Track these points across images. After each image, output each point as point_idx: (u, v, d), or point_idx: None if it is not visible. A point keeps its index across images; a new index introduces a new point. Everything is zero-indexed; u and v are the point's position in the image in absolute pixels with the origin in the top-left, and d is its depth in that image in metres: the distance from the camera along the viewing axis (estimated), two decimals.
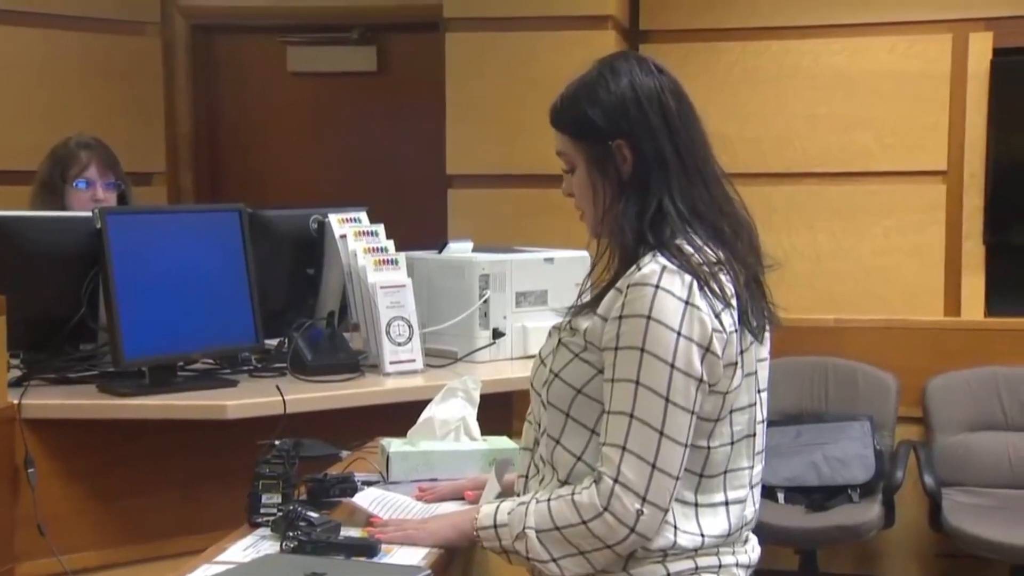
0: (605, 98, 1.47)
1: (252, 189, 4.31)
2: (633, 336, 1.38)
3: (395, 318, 2.53)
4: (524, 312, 2.70)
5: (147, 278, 2.28)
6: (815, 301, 3.93)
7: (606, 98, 1.47)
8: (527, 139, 3.80)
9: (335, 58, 4.39)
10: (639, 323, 1.38)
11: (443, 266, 2.71)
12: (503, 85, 3.88)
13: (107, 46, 4.08)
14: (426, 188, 4.14)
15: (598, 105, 1.47)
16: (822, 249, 3.95)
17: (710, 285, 1.41)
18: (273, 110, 4.45)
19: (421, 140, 4.24)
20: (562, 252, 2.77)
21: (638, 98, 1.47)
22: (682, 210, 1.45)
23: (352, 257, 2.58)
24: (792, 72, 3.93)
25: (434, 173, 4.02)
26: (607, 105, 1.47)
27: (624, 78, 1.48)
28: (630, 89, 1.47)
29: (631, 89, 1.47)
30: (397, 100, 4.33)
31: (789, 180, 3.95)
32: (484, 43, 3.91)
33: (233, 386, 2.38)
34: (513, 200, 3.92)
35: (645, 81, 1.48)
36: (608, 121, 1.46)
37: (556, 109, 1.53)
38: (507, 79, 3.88)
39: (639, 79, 1.48)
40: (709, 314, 1.40)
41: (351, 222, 2.63)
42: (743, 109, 3.93)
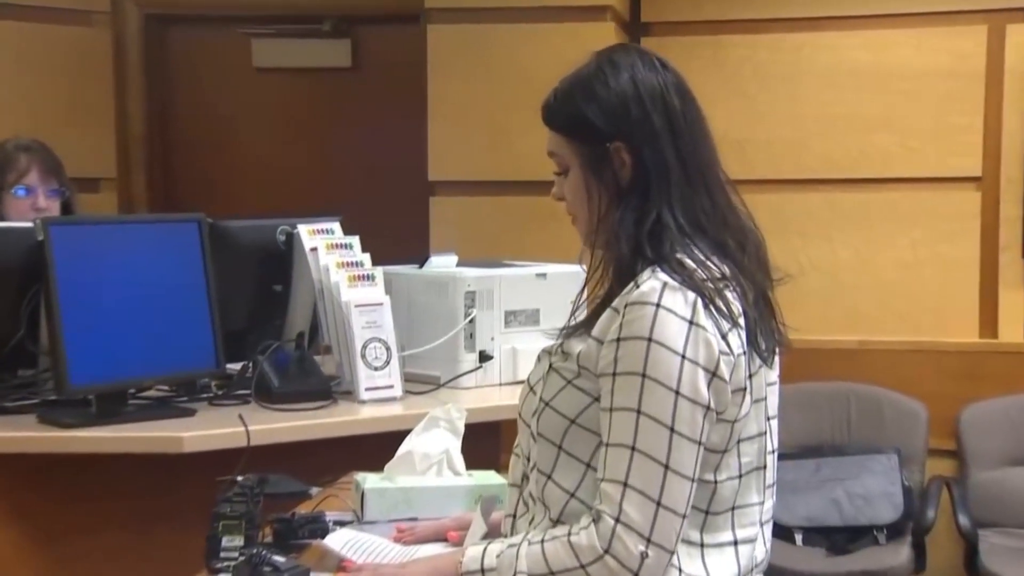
0: (603, 95, 1.48)
1: (212, 197, 4.31)
2: (633, 360, 1.39)
3: (371, 340, 2.53)
4: (514, 333, 2.71)
5: (95, 296, 2.28)
6: (834, 320, 3.95)
7: (604, 95, 1.48)
8: (517, 142, 3.81)
9: (305, 52, 4.40)
10: (639, 346, 1.38)
11: (424, 282, 2.72)
12: (491, 83, 3.90)
13: (50, 37, 4.09)
14: (406, 196, 4.15)
15: (595, 102, 1.48)
16: (841, 263, 3.97)
17: (715, 303, 1.41)
18: (236, 110, 4.46)
19: (400, 143, 4.25)
20: (556, 267, 2.77)
21: (640, 96, 1.47)
22: (683, 222, 1.46)
23: (324, 272, 2.58)
24: (808, 68, 3.95)
25: (415, 179, 4.03)
26: (605, 102, 1.47)
27: (625, 73, 1.48)
28: (631, 86, 1.48)
29: (632, 86, 1.48)
30: (374, 99, 4.34)
31: (805, 187, 3.97)
32: (470, 36, 3.93)
33: (191, 416, 2.38)
34: (502, 209, 3.93)
35: (648, 77, 1.48)
36: (606, 120, 1.47)
37: (549, 105, 1.53)
38: (495, 76, 3.89)
39: (641, 75, 1.48)
40: (715, 335, 1.40)
41: (323, 233, 2.64)
42: (753, 109, 3.95)
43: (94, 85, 4.20)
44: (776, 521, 1.58)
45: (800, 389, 3.81)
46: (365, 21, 4.35)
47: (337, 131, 4.39)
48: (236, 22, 4.39)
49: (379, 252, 2.66)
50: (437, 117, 3.94)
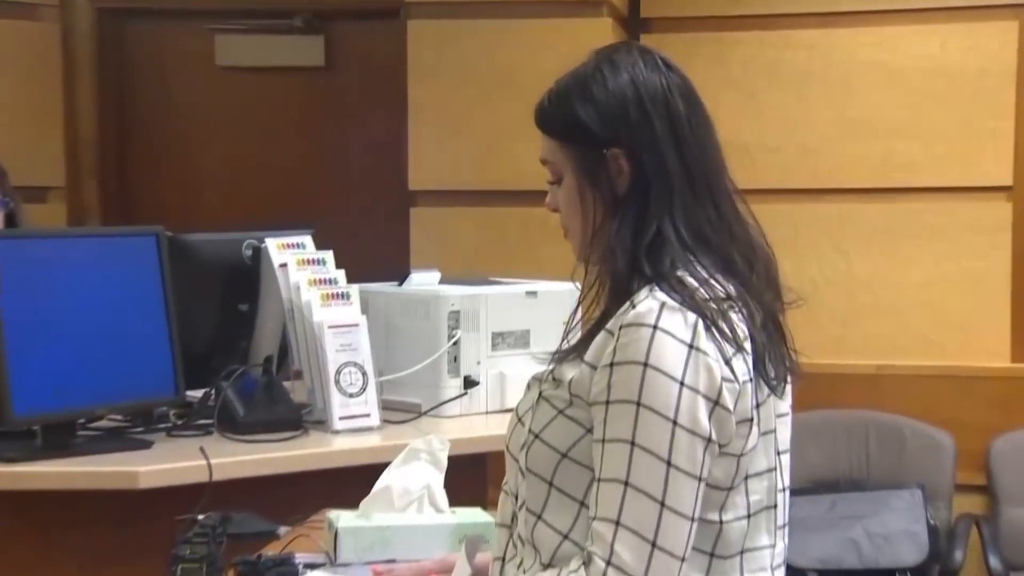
0: (601, 96, 1.48)
1: (172, 208, 4.31)
2: (627, 387, 1.39)
3: (346, 364, 2.53)
4: (502, 357, 2.71)
5: (41, 316, 2.28)
6: (851, 344, 3.96)
7: (602, 96, 1.48)
8: (505, 148, 3.82)
9: (274, 50, 4.41)
10: (634, 371, 1.38)
11: (404, 301, 2.72)
12: (477, 84, 3.91)
13: None
14: (384, 207, 4.15)
15: (592, 104, 1.48)
16: (859, 280, 3.98)
17: (718, 325, 1.41)
18: (198, 112, 4.46)
19: (378, 149, 4.26)
20: (547, 284, 2.78)
21: (640, 98, 1.48)
22: (685, 235, 1.46)
23: (294, 291, 2.58)
24: (822, 68, 3.97)
25: (394, 189, 4.04)
26: (603, 105, 1.48)
27: (625, 74, 1.49)
28: (631, 87, 1.48)
29: (632, 87, 1.48)
30: (349, 101, 4.35)
31: (818, 197, 3.98)
32: (453, 33, 3.94)
33: (147, 448, 2.37)
34: (489, 221, 3.94)
35: (650, 78, 1.49)
36: (603, 124, 1.48)
37: (543, 107, 1.54)
38: (481, 77, 3.91)
39: (642, 76, 1.49)
40: (718, 360, 1.40)
41: (293, 248, 2.64)
42: (762, 112, 3.96)
43: (41, 85, 4.20)
44: (788, 563, 1.57)
45: (814, 418, 3.82)
46: (340, 16, 4.36)
47: (309, 136, 4.39)
48: (198, 17, 4.40)
49: (355, 268, 2.67)
50: (418, 121, 3.95)
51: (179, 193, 4.42)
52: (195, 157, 4.46)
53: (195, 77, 4.45)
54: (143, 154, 4.47)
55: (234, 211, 4.30)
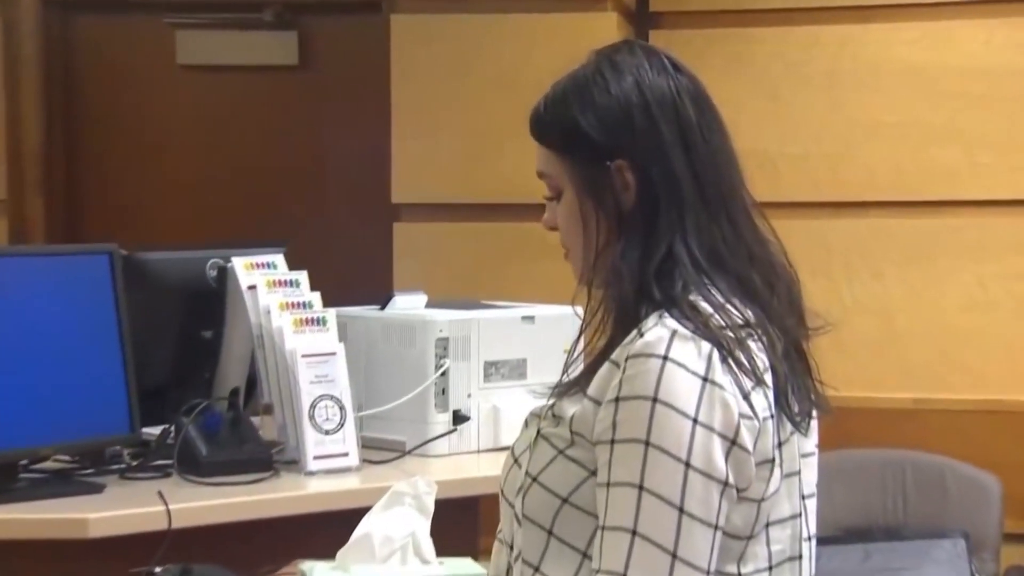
0: (603, 102, 1.50)
1: (127, 223, 4.31)
2: (634, 425, 1.39)
3: (321, 397, 2.53)
4: (495, 389, 2.71)
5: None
6: (886, 375, 3.96)
7: (604, 103, 1.50)
8: (499, 157, 3.83)
9: (242, 47, 4.42)
10: (642, 407, 1.39)
11: (387, 327, 2.73)
12: (467, 86, 3.92)
13: None
14: (364, 222, 4.16)
15: (593, 111, 1.50)
16: (894, 304, 3.98)
17: (735, 356, 1.42)
18: (157, 117, 4.47)
19: (358, 158, 4.27)
20: (546, 308, 2.79)
21: (646, 103, 1.49)
22: (698, 256, 1.47)
23: (264, 315, 2.58)
24: (851, 68, 3.98)
25: (375, 201, 4.04)
26: (605, 112, 1.49)
27: (628, 76, 1.50)
28: (636, 92, 1.50)
29: (637, 92, 1.50)
30: (325, 104, 4.37)
31: (848, 211, 3.99)
32: (442, 29, 3.95)
33: (98, 492, 2.37)
34: (481, 238, 3.94)
35: (657, 82, 1.50)
36: (606, 133, 1.49)
37: (538, 114, 1.55)
38: (473, 78, 3.92)
39: (649, 79, 1.50)
40: (735, 395, 1.41)
41: (263, 268, 2.64)
42: (785, 117, 3.97)
43: None
44: None
45: (844, 458, 3.81)
46: (315, 10, 4.38)
47: (280, 144, 4.40)
48: (157, 9, 4.41)
49: (332, 290, 2.67)
50: (402, 127, 3.96)
51: (135, 207, 4.42)
52: (153, 167, 4.47)
53: (153, 77, 4.46)
54: (94, 164, 4.48)
55: (197, 227, 4.30)
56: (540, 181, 1.57)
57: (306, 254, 2.75)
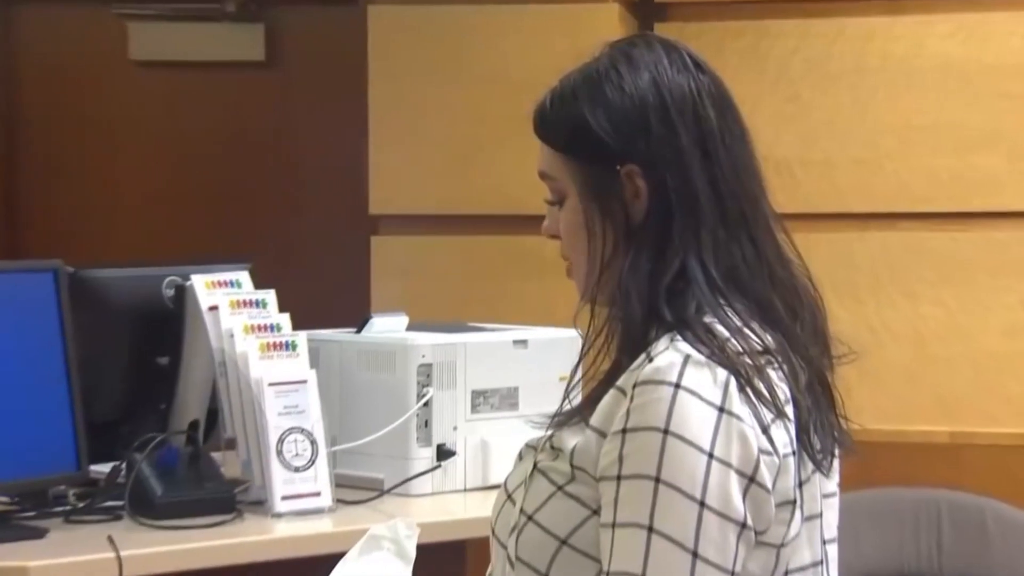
0: (616, 100, 1.50)
1: (74, 237, 4.31)
2: (643, 459, 1.39)
3: (291, 431, 2.53)
4: (484, 420, 2.71)
5: None
6: (919, 406, 3.96)
7: (618, 100, 1.50)
8: (490, 163, 3.84)
9: (202, 41, 4.43)
10: (652, 440, 1.39)
11: (364, 352, 2.73)
12: (454, 84, 3.93)
13: None
14: (339, 235, 4.16)
15: (604, 109, 1.50)
16: (929, 327, 3.99)
17: (754, 385, 1.42)
18: (107, 118, 4.47)
19: (332, 164, 4.27)
20: (542, 331, 2.79)
21: (664, 104, 1.50)
22: (715, 276, 1.47)
23: (227, 339, 2.59)
24: (879, 64, 3.99)
25: (351, 213, 4.05)
26: (618, 111, 1.50)
27: (646, 73, 1.51)
28: (653, 90, 1.50)
29: (655, 90, 1.50)
30: (295, 105, 4.37)
31: (877, 224, 3.99)
32: (425, 22, 3.96)
33: (40, 537, 2.37)
34: (469, 253, 3.95)
35: (676, 80, 1.51)
36: (617, 134, 1.50)
37: (544, 111, 1.56)
38: (460, 75, 3.92)
39: (667, 77, 1.51)
40: (754, 427, 1.41)
41: (226, 286, 2.65)
42: (807, 120, 3.98)
43: None
44: None
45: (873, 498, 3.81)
46: (283, 1, 4.38)
47: (245, 148, 4.41)
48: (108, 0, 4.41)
49: (303, 311, 2.67)
50: (382, 130, 3.96)
51: (83, 219, 4.42)
52: (103, 175, 4.47)
53: (102, 75, 4.46)
54: (37, 171, 4.48)
55: (151, 241, 4.30)
56: (536, 188, 1.58)
57: (274, 271, 2.76)
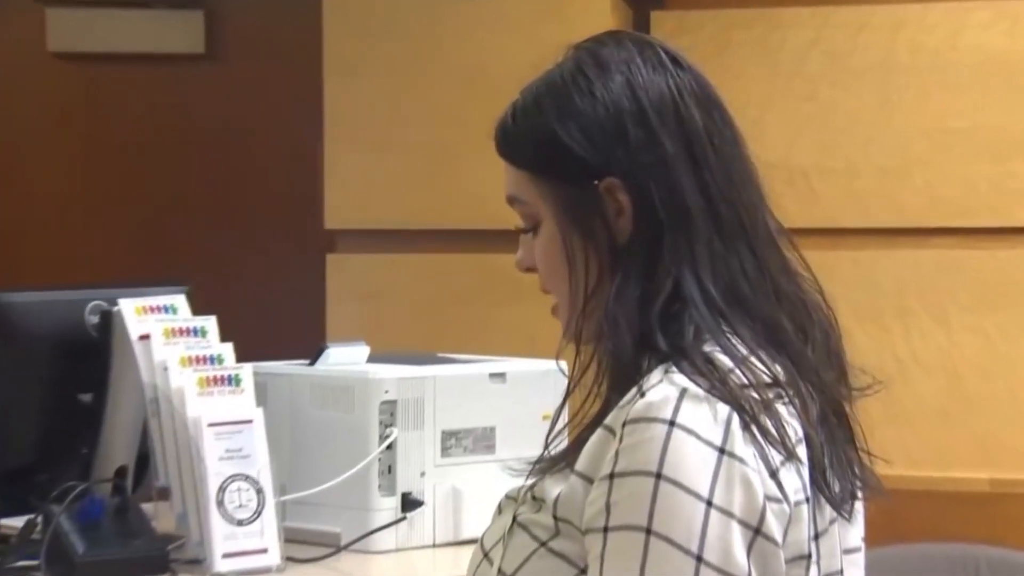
0: (587, 109, 1.52)
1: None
2: (633, 508, 1.40)
3: (234, 478, 2.53)
4: (456, 465, 2.71)
5: None
6: (953, 449, 3.96)
7: (588, 109, 1.52)
8: (461, 171, 3.84)
9: (132, 31, 4.43)
10: (643, 485, 1.39)
11: (318, 387, 2.72)
12: (422, 82, 3.93)
13: None
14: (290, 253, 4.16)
15: (575, 120, 1.52)
16: (964, 357, 3.99)
17: (760, 422, 1.43)
18: (21, 117, 4.47)
19: (282, 172, 4.27)
20: (522, 363, 2.79)
21: (641, 108, 1.51)
22: (714, 294, 1.48)
23: (160, 373, 2.58)
24: (909, 60, 4.00)
25: (304, 227, 4.05)
26: (590, 120, 1.52)
27: (618, 75, 1.53)
28: (627, 93, 1.52)
29: (629, 94, 1.52)
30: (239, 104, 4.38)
31: (904, 240, 4.00)
32: (389, 11, 3.96)
33: None
34: (437, 273, 3.95)
35: (652, 80, 1.53)
36: (592, 147, 1.51)
37: (505, 128, 1.58)
38: (429, 73, 3.93)
39: (642, 77, 1.53)
40: (760, 471, 1.42)
41: (159, 312, 2.64)
42: (826, 122, 3.99)
43: None
44: None
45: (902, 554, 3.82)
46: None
47: (182, 152, 4.41)
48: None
49: (248, 341, 2.67)
50: (338, 133, 3.97)
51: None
52: (16, 182, 4.46)
53: (16, 68, 4.46)
54: None
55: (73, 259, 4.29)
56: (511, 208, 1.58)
57: (215, 294, 2.75)
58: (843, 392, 1.55)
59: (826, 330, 1.55)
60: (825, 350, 1.54)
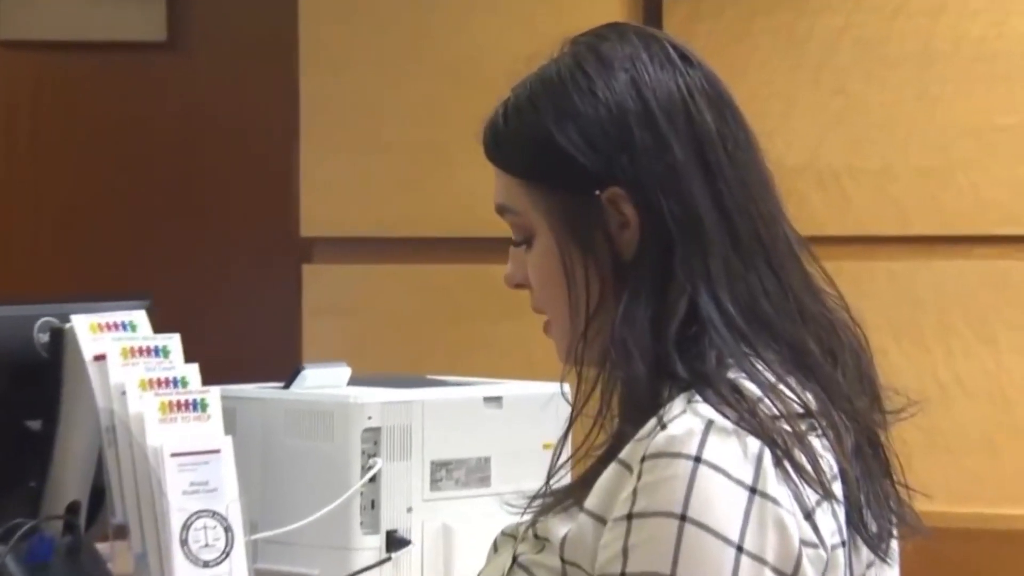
0: (588, 109, 1.53)
1: None
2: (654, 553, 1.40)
3: (199, 515, 2.53)
4: (447, 500, 2.71)
5: None
6: (1001, 483, 3.96)
7: (590, 109, 1.53)
8: (449, 175, 3.85)
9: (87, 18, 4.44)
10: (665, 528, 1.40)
11: (294, 413, 2.73)
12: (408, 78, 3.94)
13: None
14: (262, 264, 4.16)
15: (574, 123, 1.53)
16: (1013, 382, 3.99)
17: (795, 458, 1.43)
18: None
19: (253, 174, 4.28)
20: (519, 385, 2.80)
21: (648, 109, 1.52)
22: (733, 314, 1.48)
23: (118, 397, 2.58)
24: (951, 49, 4.01)
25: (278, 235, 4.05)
26: (591, 122, 1.52)
27: (621, 74, 1.53)
28: (632, 93, 1.53)
29: (635, 93, 1.53)
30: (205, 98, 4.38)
31: (948, 250, 4.00)
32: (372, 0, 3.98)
33: None
34: (425, 286, 3.95)
35: (659, 79, 1.53)
36: (593, 152, 1.52)
37: (497, 130, 1.59)
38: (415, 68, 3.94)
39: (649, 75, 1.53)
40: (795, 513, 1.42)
41: (116, 330, 2.65)
42: (858, 118, 3.99)
43: None
44: None
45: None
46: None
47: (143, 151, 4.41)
48: None
49: (216, 361, 2.67)
50: (316, 132, 3.97)
51: None
52: None
53: None
54: None
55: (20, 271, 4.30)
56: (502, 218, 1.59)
57: (179, 310, 2.76)
58: (877, 420, 1.56)
59: (856, 352, 1.56)
60: (856, 374, 1.55)
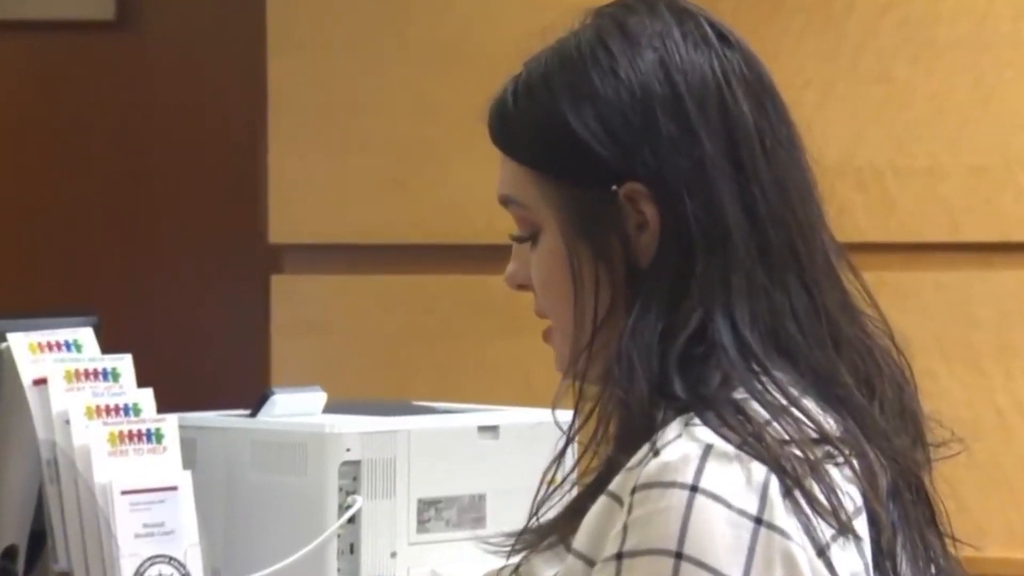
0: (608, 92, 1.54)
1: None
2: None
3: (154, 560, 2.55)
4: (436, 543, 2.73)
5: None
6: None
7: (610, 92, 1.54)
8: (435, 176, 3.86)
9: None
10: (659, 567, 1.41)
11: (262, 444, 2.74)
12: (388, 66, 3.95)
13: None
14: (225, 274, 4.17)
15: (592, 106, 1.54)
16: None
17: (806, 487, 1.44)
18: None
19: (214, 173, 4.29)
20: (516, 412, 2.80)
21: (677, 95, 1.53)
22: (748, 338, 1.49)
23: (61, 427, 2.60)
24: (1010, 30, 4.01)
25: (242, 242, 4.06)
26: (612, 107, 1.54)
27: (648, 52, 1.54)
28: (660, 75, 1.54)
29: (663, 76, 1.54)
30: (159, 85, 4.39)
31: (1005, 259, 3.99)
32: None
33: None
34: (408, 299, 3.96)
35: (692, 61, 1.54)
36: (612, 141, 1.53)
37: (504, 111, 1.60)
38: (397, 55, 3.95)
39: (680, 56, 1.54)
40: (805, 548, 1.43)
41: (59, 350, 2.66)
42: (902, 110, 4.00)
43: None
44: None
45: None
46: None
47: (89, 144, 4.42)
48: None
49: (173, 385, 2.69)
50: (285, 127, 3.98)
51: None
52: None
53: None
54: None
55: None
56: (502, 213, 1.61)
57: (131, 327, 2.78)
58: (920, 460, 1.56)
59: (899, 384, 1.57)
60: (897, 408, 1.56)
